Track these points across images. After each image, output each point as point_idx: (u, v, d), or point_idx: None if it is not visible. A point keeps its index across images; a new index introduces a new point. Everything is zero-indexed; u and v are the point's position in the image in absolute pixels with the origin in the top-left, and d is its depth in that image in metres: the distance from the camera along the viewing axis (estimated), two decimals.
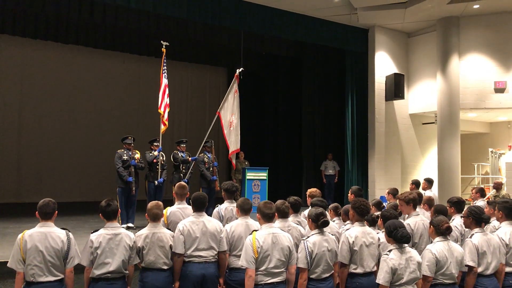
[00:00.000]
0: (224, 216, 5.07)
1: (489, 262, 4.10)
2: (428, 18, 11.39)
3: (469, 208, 4.35)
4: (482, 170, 13.44)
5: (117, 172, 7.99)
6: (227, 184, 5.21)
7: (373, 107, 11.83)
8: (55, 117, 12.63)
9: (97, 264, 3.82)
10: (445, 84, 11.18)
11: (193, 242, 4.19)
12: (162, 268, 4.12)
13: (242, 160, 11.07)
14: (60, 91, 12.69)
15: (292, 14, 10.74)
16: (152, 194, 8.28)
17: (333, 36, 11.47)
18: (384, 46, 12.05)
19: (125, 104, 13.65)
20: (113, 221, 4.00)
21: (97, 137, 12.99)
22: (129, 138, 8.24)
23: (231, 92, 8.83)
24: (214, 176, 8.88)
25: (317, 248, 3.85)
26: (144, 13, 9.64)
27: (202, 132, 9.88)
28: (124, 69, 13.55)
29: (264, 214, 3.88)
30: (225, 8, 9.82)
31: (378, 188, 11.51)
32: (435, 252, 3.80)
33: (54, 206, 3.85)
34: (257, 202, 9.38)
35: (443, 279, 3.80)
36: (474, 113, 12.06)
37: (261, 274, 3.69)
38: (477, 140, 13.93)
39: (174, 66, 12.51)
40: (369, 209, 4.31)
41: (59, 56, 12.47)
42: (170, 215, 4.86)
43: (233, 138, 8.83)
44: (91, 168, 12.70)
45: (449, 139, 11.10)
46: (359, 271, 4.02)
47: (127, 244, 3.94)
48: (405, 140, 12.50)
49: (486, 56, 11.12)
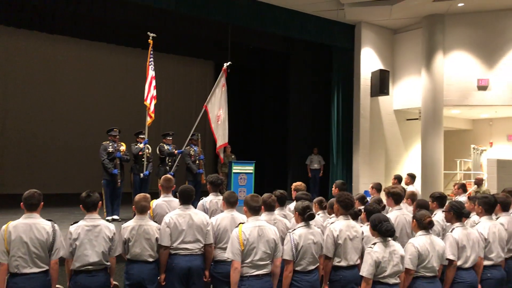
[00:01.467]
0: (208, 209, 5.10)
1: (468, 256, 4.19)
2: (414, 15, 11.50)
3: (450, 203, 4.44)
4: (464, 166, 13.66)
5: (102, 164, 7.95)
6: (212, 177, 5.24)
7: (358, 102, 11.93)
8: (39, 108, 12.47)
9: (77, 256, 3.83)
10: (429, 81, 11.32)
11: (179, 234, 4.21)
12: (147, 260, 4.14)
13: (228, 153, 11.09)
14: (46, 82, 12.53)
15: (280, 9, 10.75)
16: (137, 187, 8.24)
17: (321, 32, 11.52)
18: (370, 42, 12.14)
19: (111, 95, 13.53)
20: (93, 213, 4.00)
21: (82, 128, 12.87)
22: (114, 130, 8.19)
23: (218, 86, 8.81)
24: (200, 170, 8.88)
25: (303, 240, 3.90)
26: (132, 4, 9.57)
27: (189, 125, 9.85)
28: (110, 60, 13.42)
29: (251, 207, 3.92)
30: (213, 1, 9.79)
31: (362, 183, 11.63)
32: (417, 245, 3.88)
33: (39, 197, 3.84)
34: (243, 195, 9.42)
35: (424, 272, 3.88)
36: (457, 110, 12.24)
37: (246, 266, 3.73)
38: (459, 136, 14.15)
39: (161, 58, 12.41)
40: (353, 203, 4.38)
41: (44, 46, 12.28)
42: (156, 207, 4.88)
43: (220, 132, 8.83)
44: (76, 159, 12.59)
45: (433, 135, 11.27)
46: (343, 264, 4.09)
47: (106, 236, 3.93)
48: (389, 136, 12.64)
49: (470, 54, 11.28)
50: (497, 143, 13.65)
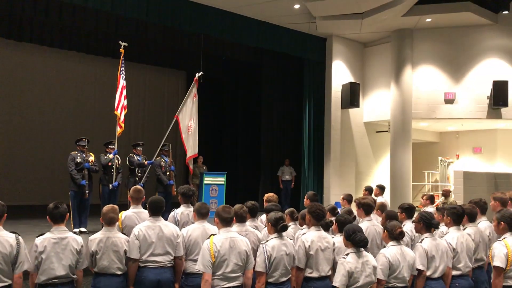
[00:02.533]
0: (180, 221, 5.02)
1: (437, 266, 4.25)
2: (384, 30, 11.77)
3: (420, 214, 4.51)
4: (432, 178, 13.96)
5: (70, 174, 7.77)
6: (184, 188, 5.16)
7: (329, 114, 12.06)
8: (5, 116, 12.08)
9: (42, 269, 3.70)
10: (398, 94, 11.57)
11: (148, 247, 4.12)
12: (116, 273, 4.02)
13: (200, 164, 11.00)
14: (12, 90, 12.17)
15: (253, 20, 10.82)
16: (106, 198, 8.06)
17: (293, 44, 11.64)
18: (341, 55, 12.34)
19: (81, 105, 13.25)
20: (60, 225, 3.88)
21: (50, 138, 12.54)
22: (83, 140, 8.03)
23: (190, 96, 8.76)
24: (171, 181, 8.77)
25: (276, 252, 3.87)
26: (102, 13, 9.43)
27: (160, 135, 9.73)
28: (80, 69, 13.16)
29: (223, 218, 3.88)
30: (185, 12, 9.75)
31: (333, 194, 11.73)
32: (388, 256, 3.90)
33: (3, 209, 3.69)
34: (214, 207, 9.34)
35: (395, 283, 3.91)
36: (425, 123, 12.52)
37: (217, 278, 3.68)
38: (427, 148, 14.47)
39: (132, 67, 12.28)
40: (325, 214, 4.38)
41: (11, 53, 11.94)
42: (125, 219, 4.77)
43: (191, 142, 8.74)
44: (43, 170, 12.24)
45: (402, 147, 11.49)
46: (315, 275, 4.07)
47: (74, 248, 3.83)
48: (359, 148, 12.81)
49: (438, 68, 11.60)
50: (463, 155, 14.02)
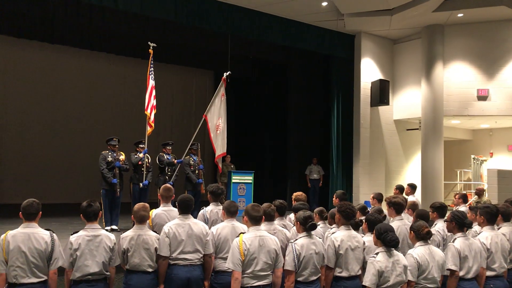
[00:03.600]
0: (209, 219, 5.06)
1: (470, 266, 4.15)
2: (414, 26, 11.55)
3: (452, 213, 4.41)
4: (464, 176, 13.63)
5: (101, 173, 7.92)
6: (213, 187, 5.19)
7: (358, 112, 11.92)
8: (39, 117, 12.47)
9: (77, 266, 3.78)
10: (429, 91, 11.34)
11: (178, 244, 4.17)
12: (146, 270, 4.09)
13: (228, 163, 11.06)
14: (45, 91, 12.55)
15: (280, 19, 10.79)
16: (136, 197, 8.21)
17: (320, 42, 11.55)
18: (370, 52, 12.17)
19: (111, 105, 13.55)
20: (94, 223, 3.96)
21: (81, 138, 12.86)
22: (114, 139, 8.18)
23: (218, 95, 8.82)
24: (199, 179, 8.85)
25: (305, 250, 3.86)
26: (131, 14, 9.60)
27: (188, 134, 9.85)
28: (110, 70, 13.45)
29: (252, 216, 3.88)
30: (212, 12, 9.82)
31: (363, 193, 11.59)
32: (416, 256, 3.83)
33: (38, 207, 3.80)
34: (242, 205, 9.38)
35: (425, 283, 3.83)
36: (457, 120, 12.24)
37: (247, 277, 3.69)
38: (460, 146, 14.13)
39: (160, 68, 12.45)
40: (355, 212, 4.34)
41: (44, 55, 12.32)
42: (156, 217, 4.84)
43: (219, 141, 8.81)
44: (75, 169, 12.56)
45: (433, 145, 11.25)
46: (344, 274, 4.04)
47: (107, 246, 3.90)
48: (389, 146, 12.62)
49: (470, 64, 11.31)
50: (497, 153, 13.62)
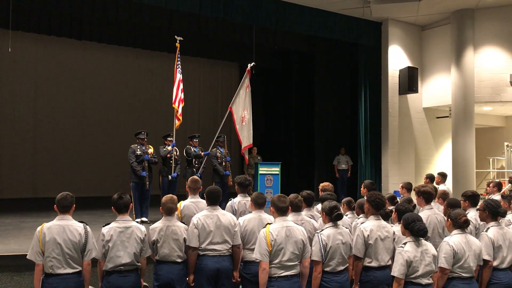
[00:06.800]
0: (237, 210, 5.08)
1: (504, 256, 4.07)
2: (442, 11, 11.25)
3: (486, 201, 4.31)
4: (498, 164, 13.28)
5: (131, 166, 8.05)
6: (241, 178, 5.21)
7: (386, 101, 11.73)
8: (69, 112, 12.77)
9: (109, 257, 3.88)
10: (459, 77, 11.05)
11: (207, 235, 4.21)
12: (176, 261, 4.16)
13: (254, 155, 11.09)
14: (74, 87, 12.83)
15: (304, 8, 10.68)
16: (165, 189, 8.32)
17: (346, 30, 11.38)
18: (398, 39, 11.93)
19: (139, 99, 13.74)
20: (125, 214, 4.05)
21: (111, 132, 13.12)
22: (142, 133, 8.30)
23: (243, 87, 8.82)
24: (227, 171, 8.92)
25: (331, 241, 3.85)
26: (157, 8, 9.70)
27: (215, 127, 9.91)
28: (137, 64, 13.63)
29: (278, 207, 3.89)
30: (236, 3, 9.80)
31: (392, 183, 11.44)
32: (452, 244, 3.76)
33: (71, 200, 3.91)
34: (269, 196, 9.39)
35: (460, 272, 3.76)
36: (489, 107, 11.91)
37: (275, 267, 3.71)
38: (492, 134, 13.76)
39: (186, 61, 12.50)
40: (385, 202, 4.30)
41: (72, 52, 12.58)
42: (184, 208, 4.90)
43: (245, 133, 8.83)
44: (105, 162, 12.82)
45: (464, 133, 10.98)
46: (374, 264, 4.01)
47: (138, 237, 3.99)
48: (418, 134, 12.38)
49: (502, 49, 10.95)
50: None
